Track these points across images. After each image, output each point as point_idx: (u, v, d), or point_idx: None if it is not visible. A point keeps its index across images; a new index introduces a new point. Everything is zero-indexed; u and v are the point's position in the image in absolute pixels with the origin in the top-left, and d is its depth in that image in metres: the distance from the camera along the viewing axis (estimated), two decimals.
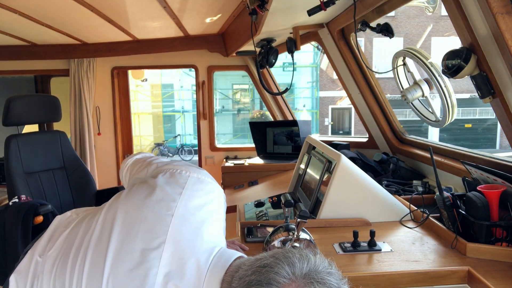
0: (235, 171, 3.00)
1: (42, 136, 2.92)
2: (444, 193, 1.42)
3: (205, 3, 2.35)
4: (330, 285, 0.76)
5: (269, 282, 0.72)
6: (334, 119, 18.49)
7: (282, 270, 0.74)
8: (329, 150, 1.82)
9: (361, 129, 13.71)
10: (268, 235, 1.42)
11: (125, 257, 0.85)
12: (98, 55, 3.55)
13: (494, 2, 1.14)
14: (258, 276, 0.74)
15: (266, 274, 0.74)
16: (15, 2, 2.27)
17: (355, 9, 1.78)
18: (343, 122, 18.86)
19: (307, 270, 0.75)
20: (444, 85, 1.82)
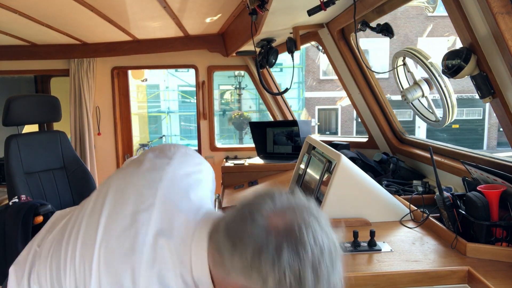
0: (235, 171, 3.00)
1: (42, 136, 2.92)
2: (444, 193, 1.42)
3: (205, 3, 2.35)
4: (314, 214, 0.76)
5: (253, 216, 0.73)
6: (321, 119, 18.61)
7: (266, 204, 0.75)
8: (329, 150, 1.82)
9: (348, 130, 13.71)
10: None
11: (116, 222, 0.86)
12: (98, 55, 3.55)
13: (494, 2, 1.15)
14: (242, 212, 0.76)
15: (250, 208, 0.76)
16: (15, 2, 2.27)
17: (355, 9, 1.78)
18: (330, 122, 18.98)
19: (291, 202, 0.76)
20: (444, 85, 1.82)
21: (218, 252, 0.76)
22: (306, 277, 0.69)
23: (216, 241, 0.78)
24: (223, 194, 2.71)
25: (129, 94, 3.96)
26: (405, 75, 2.11)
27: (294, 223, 0.72)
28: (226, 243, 0.75)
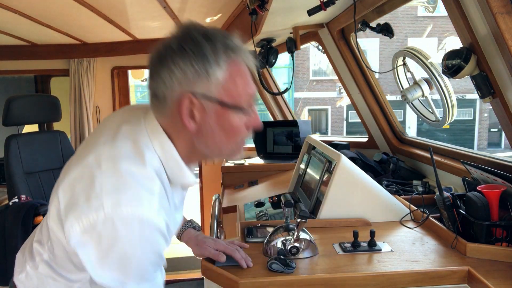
0: (235, 171, 3.00)
1: (42, 136, 2.92)
2: (444, 193, 1.42)
3: (205, 3, 2.35)
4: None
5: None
6: (311, 119, 18.73)
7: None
8: (329, 150, 1.82)
9: (338, 130, 13.91)
10: (268, 235, 1.42)
11: (79, 155, 0.95)
12: (98, 55, 3.55)
13: (494, 2, 1.15)
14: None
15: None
16: (15, 2, 2.27)
17: (355, 9, 1.78)
18: (320, 122, 19.04)
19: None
20: (444, 85, 1.82)
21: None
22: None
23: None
24: (223, 194, 2.71)
25: (129, 94, 3.96)
26: (405, 75, 2.11)
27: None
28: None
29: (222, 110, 0.89)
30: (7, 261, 2.34)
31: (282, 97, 3.72)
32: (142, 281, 0.88)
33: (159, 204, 0.85)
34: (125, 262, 0.83)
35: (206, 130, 0.91)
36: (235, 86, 0.90)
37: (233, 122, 0.92)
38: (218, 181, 3.25)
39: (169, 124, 0.93)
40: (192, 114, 0.89)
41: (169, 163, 0.92)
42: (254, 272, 1.24)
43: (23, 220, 2.37)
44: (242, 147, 0.99)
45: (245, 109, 0.93)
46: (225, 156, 1.02)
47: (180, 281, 3.77)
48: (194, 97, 0.87)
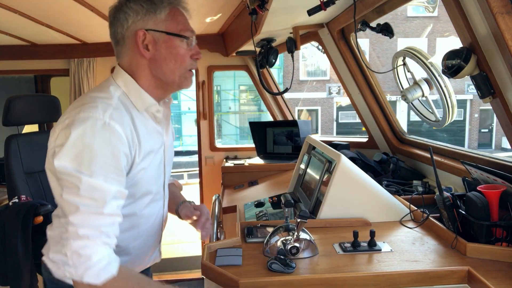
0: (235, 171, 3.00)
1: (42, 136, 2.91)
2: (444, 193, 1.42)
3: (205, 3, 2.35)
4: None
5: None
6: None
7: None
8: (329, 150, 1.82)
9: (329, 131, 13.97)
10: (268, 235, 1.42)
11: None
12: (98, 55, 3.55)
13: (494, 2, 1.15)
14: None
15: None
16: (15, 2, 2.27)
17: (355, 9, 1.78)
18: (310, 123, 19.18)
19: None
20: (444, 85, 1.82)
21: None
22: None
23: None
24: (223, 194, 2.71)
25: None
26: (405, 75, 2.11)
27: None
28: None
29: (169, 39, 1.16)
30: (7, 261, 2.34)
31: (282, 97, 3.72)
32: (95, 175, 1.02)
33: (116, 114, 1.08)
34: (80, 153, 1.01)
35: (159, 57, 1.17)
36: (177, 22, 1.19)
37: (179, 49, 1.18)
38: (218, 181, 3.25)
39: (129, 62, 1.20)
40: (146, 46, 1.15)
41: (131, 93, 1.18)
42: (254, 272, 1.24)
43: (23, 220, 2.37)
44: (191, 76, 1.24)
45: (187, 38, 1.19)
46: (178, 83, 1.22)
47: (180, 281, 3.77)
48: (146, 31, 1.15)
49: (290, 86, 2.56)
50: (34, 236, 2.43)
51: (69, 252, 1.00)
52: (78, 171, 1.01)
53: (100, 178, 1.02)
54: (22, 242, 2.35)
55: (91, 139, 1.02)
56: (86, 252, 1.00)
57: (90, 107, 1.06)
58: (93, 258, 1.00)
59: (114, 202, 1.05)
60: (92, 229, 1.01)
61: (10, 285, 2.34)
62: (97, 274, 1.00)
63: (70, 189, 1.02)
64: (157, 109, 1.23)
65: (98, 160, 1.02)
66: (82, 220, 1.00)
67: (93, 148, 1.02)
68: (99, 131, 1.03)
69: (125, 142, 1.08)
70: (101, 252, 1.02)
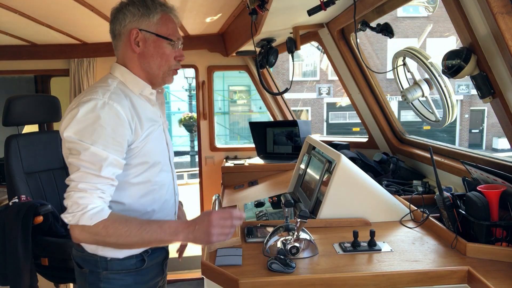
0: (235, 171, 3.00)
1: (42, 136, 2.92)
2: (444, 193, 1.42)
3: (205, 3, 2.35)
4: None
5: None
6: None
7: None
8: (329, 150, 1.82)
9: (319, 131, 13.97)
10: (268, 235, 1.42)
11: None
12: (98, 55, 3.55)
13: (494, 2, 1.15)
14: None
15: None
16: (15, 2, 2.27)
17: (355, 9, 1.78)
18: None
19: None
20: (444, 85, 1.82)
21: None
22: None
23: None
24: (223, 194, 2.71)
25: None
26: (405, 75, 2.11)
27: None
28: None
29: (157, 40, 1.36)
30: (7, 261, 2.34)
31: (282, 97, 3.72)
32: (95, 144, 1.20)
33: (114, 96, 1.27)
34: (84, 126, 1.21)
35: (147, 54, 1.37)
36: (167, 27, 1.38)
37: (165, 50, 1.38)
38: (218, 181, 3.25)
39: (123, 55, 1.41)
40: (137, 42, 1.36)
41: (127, 80, 1.38)
42: (254, 272, 1.24)
43: (23, 220, 2.37)
44: (174, 75, 1.45)
45: (173, 42, 1.39)
46: (161, 78, 1.41)
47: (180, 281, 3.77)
48: (139, 31, 1.35)
49: (290, 86, 2.56)
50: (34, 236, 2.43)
51: (70, 202, 1.20)
52: (81, 140, 1.20)
53: (99, 146, 1.20)
54: (22, 242, 2.35)
55: (93, 115, 1.22)
56: (83, 201, 1.19)
57: (92, 92, 1.27)
58: (88, 206, 1.19)
59: (111, 168, 1.23)
60: (89, 184, 1.20)
61: (10, 285, 2.34)
62: (90, 218, 1.18)
63: (74, 155, 1.22)
64: (151, 91, 1.42)
65: (98, 132, 1.21)
66: (81, 178, 1.20)
67: (95, 122, 1.21)
68: (100, 109, 1.23)
69: (124, 118, 1.26)
70: (96, 202, 1.20)
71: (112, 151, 1.22)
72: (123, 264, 1.36)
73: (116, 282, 1.36)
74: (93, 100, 1.24)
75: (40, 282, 2.48)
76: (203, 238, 1.21)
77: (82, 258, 1.38)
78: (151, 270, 1.44)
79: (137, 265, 1.39)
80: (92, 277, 1.36)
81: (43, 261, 2.53)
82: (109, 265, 1.35)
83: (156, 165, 1.39)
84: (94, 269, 1.35)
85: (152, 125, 1.37)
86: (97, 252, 1.34)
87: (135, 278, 1.39)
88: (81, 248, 1.37)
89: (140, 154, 1.32)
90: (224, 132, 19.82)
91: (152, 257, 1.43)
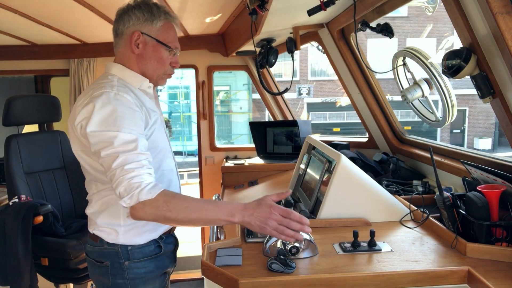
0: (235, 171, 3.00)
1: (42, 136, 2.92)
2: (444, 193, 1.42)
3: (205, 3, 2.35)
4: None
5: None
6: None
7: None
8: (329, 150, 1.82)
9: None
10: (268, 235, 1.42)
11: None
12: (98, 55, 3.55)
13: (494, 2, 1.14)
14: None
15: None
16: (15, 2, 2.27)
17: (355, 9, 1.78)
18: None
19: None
20: (444, 85, 1.82)
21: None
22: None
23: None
24: (223, 194, 2.71)
25: None
26: (405, 75, 2.11)
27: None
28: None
29: (157, 45, 1.43)
30: (7, 261, 2.34)
31: (282, 97, 3.72)
32: (121, 129, 1.26)
33: (120, 89, 1.34)
34: (105, 117, 1.27)
35: (145, 56, 1.44)
36: (167, 34, 1.45)
37: (162, 55, 1.45)
38: (218, 181, 3.25)
39: (123, 56, 1.47)
40: (137, 44, 1.42)
41: (126, 76, 1.44)
42: (254, 272, 1.24)
43: (23, 220, 2.37)
44: (167, 78, 1.53)
45: (171, 49, 1.46)
46: (156, 79, 1.49)
47: (180, 281, 3.77)
48: (141, 34, 1.41)
49: (290, 86, 2.56)
50: (34, 236, 2.43)
51: (123, 188, 1.22)
52: (107, 130, 1.26)
53: (126, 131, 1.26)
54: (22, 242, 2.35)
55: (109, 106, 1.28)
56: (136, 180, 1.22)
57: (100, 87, 1.34)
58: (143, 183, 1.22)
59: (142, 145, 1.28)
60: (134, 163, 1.23)
61: (10, 285, 2.34)
62: (150, 192, 1.22)
63: (106, 147, 1.25)
64: (148, 85, 1.48)
65: (120, 119, 1.27)
66: (124, 161, 1.23)
67: (114, 111, 1.27)
68: (113, 99, 1.30)
69: (135, 107, 1.34)
70: (147, 178, 1.24)
71: (136, 132, 1.29)
72: (144, 252, 1.44)
73: (139, 270, 1.44)
74: (105, 93, 1.31)
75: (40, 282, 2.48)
76: (257, 226, 1.21)
77: (100, 252, 1.44)
78: (167, 257, 1.54)
79: (156, 251, 1.48)
80: (114, 269, 1.42)
81: (43, 261, 2.53)
82: (131, 254, 1.42)
83: (162, 151, 1.48)
84: (116, 260, 1.42)
85: (155, 114, 1.46)
86: (117, 241, 1.41)
87: (156, 264, 1.48)
88: (98, 242, 1.43)
89: (149, 141, 1.39)
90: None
91: (166, 243, 1.52)
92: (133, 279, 1.43)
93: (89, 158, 1.38)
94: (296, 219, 1.20)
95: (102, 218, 1.42)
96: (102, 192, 1.42)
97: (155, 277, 1.49)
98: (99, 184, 1.42)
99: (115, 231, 1.40)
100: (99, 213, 1.43)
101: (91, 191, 1.47)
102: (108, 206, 1.41)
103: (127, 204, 1.22)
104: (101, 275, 1.45)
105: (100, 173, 1.38)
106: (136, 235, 1.42)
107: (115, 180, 1.23)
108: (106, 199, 1.41)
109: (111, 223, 1.40)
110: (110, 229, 1.41)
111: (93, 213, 1.45)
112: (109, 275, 1.43)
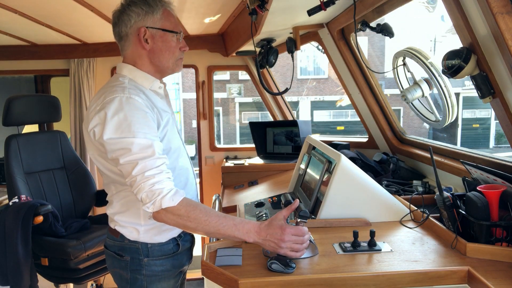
0: (235, 171, 3.00)
1: (42, 136, 2.92)
2: (444, 193, 1.42)
3: (204, 3, 2.35)
4: None
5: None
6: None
7: None
8: (329, 150, 1.82)
9: (230, 137, 13.37)
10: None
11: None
12: (98, 55, 3.54)
13: (494, 2, 1.14)
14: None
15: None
16: (15, 2, 2.27)
17: (355, 9, 1.78)
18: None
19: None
20: (444, 85, 1.82)
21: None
22: None
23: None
24: (223, 194, 2.71)
25: None
26: (405, 75, 2.11)
27: None
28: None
29: (164, 34, 1.44)
30: (7, 261, 2.34)
31: (282, 97, 3.72)
32: (137, 135, 1.28)
33: (132, 91, 1.35)
34: (119, 124, 1.29)
35: (156, 49, 1.45)
36: (169, 21, 1.46)
37: (171, 42, 1.46)
38: (218, 181, 3.25)
39: (132, 56, 1.47)
40: (146, 40, 1.43)
41: (137, 77, 1.46)
42: (254, 272, 1.24)
43: (23, 220, 2.37)
44: (181, 63, 1.54)
45: (178, 33, 1.47)
46: (172, 68, 1.51)
47: None
48: (146, 28, 1.42)
49: (290, 86, 2.56)
50: (34, 236, 2.43)
51: (145, 194, 1.25)
52: (123, 137, 1.28)
53: (141, 135, 1.28)
54: (22, 242, 2.35)
55: (122, 112, 1.30)
56: (157, 187, 1.25)
57: (112, 91, 1.35)
58: (164, 190, 1.26)
59: (158, 148, 1.31)
60: (154, 170, 1.27)
61: (10, 285, 2.34)
62: (172, 199, 1.26)
63: (124, 154, 1.28)
64: (159, 85, 1.51)
65: (134, 124, 1.29)
66: (144, 167, 1.26)
67: (127, 117, 1.29)
68: (126, 104, 1.31)
69: (146, 110, 1.35)
70: (168, 184, 1.28)
71: (151, 136, 1.31)
72: (163, 250, 1.49)
73: (157, 268, 1.48)
74: (116, 98, 1.32)
75: (40, 282, 2.48)
76: (272, 247, 1.28)
77: (121, 247, 1.49)
78: (184, 255, 1.58)
79: (174, 250, 1.52)
80: (134, 265, 1.47)
81: (43, 261, 2.53)
82: (150, 251, 1.47)
83: (176, 150, 1.50)
84: (136, 256, 1.46)
85: (166, 115, 1.47)
86: (138, 239, 1.45)
87: (172, 263, 1.52)
88: (119, 237, 1.48)
89: (163, 143, 1.40)
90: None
91: (184, 241, 1.57)
92: (150, 276, 1.48)
93: (107, 162, 1.40)
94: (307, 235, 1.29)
95: (123, 217, 1.47)
96: (121, 193, 1.46)
97: (171, 276, 1.53)
98: (118, 185, 1.46)
99: (136, 230, 1.46)
100: (120, 213, 1.47)
101: (110, 192, 1.51)
102: (128, 207, 1.46)
103: (149, 209, 1.27)
104: (120, 268, 1.50)
105: (118, 176, 1.41)
106: (156, 234, 1.47)
107: (136, 187, 1.27)
108: (126, 200, 1.46)
109: (132, 222, 1.46)
110: (131, 227, 1.46)
111: (113, 213, 1.50)
112: (128, 270, 1.48)
